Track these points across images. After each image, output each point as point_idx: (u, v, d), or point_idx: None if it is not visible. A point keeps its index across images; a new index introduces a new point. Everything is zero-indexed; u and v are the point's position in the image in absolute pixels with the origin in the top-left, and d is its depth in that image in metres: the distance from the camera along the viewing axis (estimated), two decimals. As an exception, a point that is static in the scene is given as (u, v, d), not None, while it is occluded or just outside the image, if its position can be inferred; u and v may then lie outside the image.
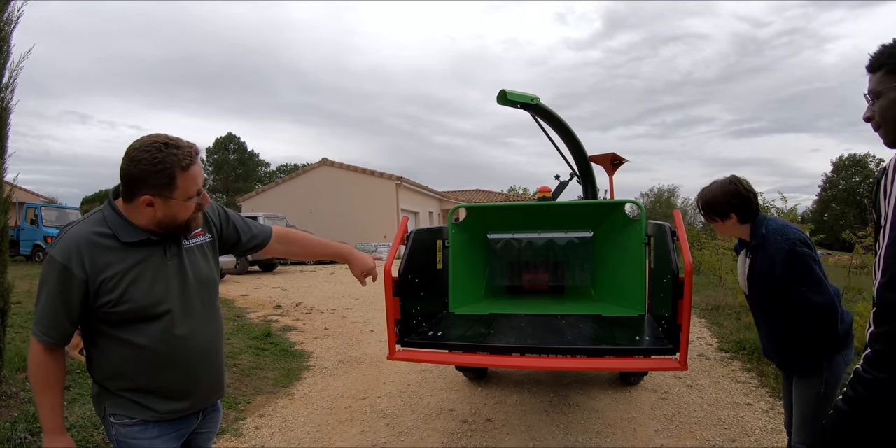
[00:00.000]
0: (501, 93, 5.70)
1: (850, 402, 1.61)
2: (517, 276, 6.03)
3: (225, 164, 60.30)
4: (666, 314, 3.78)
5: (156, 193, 1.89)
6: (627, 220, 5.20)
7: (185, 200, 1.94)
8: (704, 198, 3.09)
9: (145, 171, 1.86)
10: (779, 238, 2.82)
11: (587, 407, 5.34)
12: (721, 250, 13.30)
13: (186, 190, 1.93)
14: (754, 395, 5.61)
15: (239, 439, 4.75)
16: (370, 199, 30.17)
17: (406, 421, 5.14)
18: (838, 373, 2.90)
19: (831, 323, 2.77)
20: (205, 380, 2.15)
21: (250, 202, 32.65)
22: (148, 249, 1.98)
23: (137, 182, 1.88)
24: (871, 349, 1.57)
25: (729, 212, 3.00)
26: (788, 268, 2.77)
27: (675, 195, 63.44)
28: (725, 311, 10.40)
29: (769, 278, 2.86)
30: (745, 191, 2.99)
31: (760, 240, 2.91)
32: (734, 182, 3.02)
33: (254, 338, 8.34)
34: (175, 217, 1.96)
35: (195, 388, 2.12)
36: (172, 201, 1.92)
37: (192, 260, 2.12)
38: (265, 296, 13.58)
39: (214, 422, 2.36)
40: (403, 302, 4.15)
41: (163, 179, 1.87)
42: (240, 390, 5.95)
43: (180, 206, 1.95)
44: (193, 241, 2.14)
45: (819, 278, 2.76)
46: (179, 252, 2.07)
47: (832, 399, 2.95)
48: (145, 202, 1.90)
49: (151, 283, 1.97)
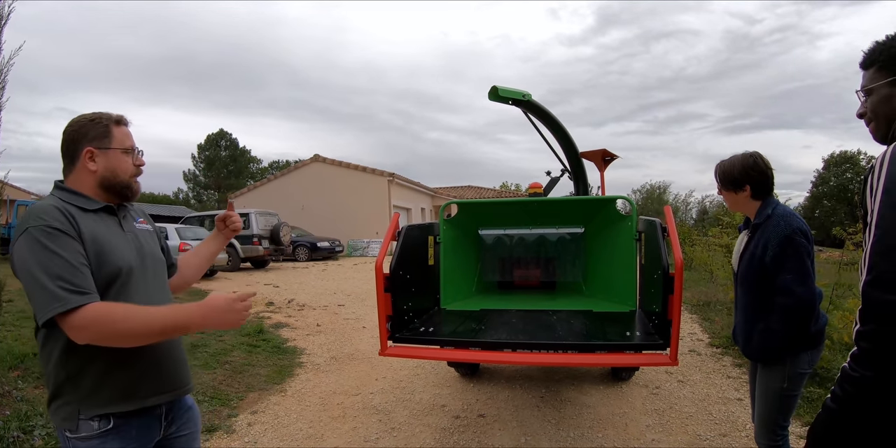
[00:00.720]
0: (493, 89, 5.71)
1: (838, 401, 1.62)
2: (508, 272, 6.04)
3: (216, 161, 60.15)
4: (656, 310, 3.80)
5: (96, 145, 2.04)
6: (618, 216, 5.21)
7: (122, 152, 2.09)
8: (723, 167, 3.11)
9: (84, 126, 2.05)
10: (781, 222, 2.84)
11: (579, 402, 5.36)
12: (712, 246, 13.33)
13: (122, 141, 2.10)
14: (745, 391, 5.62)
15: (231, 436, 4.75)
16: (362, 195, 30.13)
17: (398, 417, 5.16)
18: (802, 370, 2.92)
19: (805, 316, 2.79)
20: (182, 357, 2.21)
21: (242, 199, 32.54)
22: (107, 220, 2.07)
23: (78, 138, 2.04)
24: (857, 347, 1.58)
25: (744, 183, 3.02)
26: (780, 253, 2.79)
27: (667, 191, 63.51)
28: (717, 307, 10.44)
29: (760, 259, 2.88)
30: (764, 166, 3.02)
31: (764, 219, 2.93)
32: (753, 156, 3.04)
33: (246, 334, 8.32)
34: (116, 171, 2.08)
35: (176, 364, 2.15)
36: (111, 152, 2.07)
37: (146, 239, 2.22)
38: (257, 292, 13.53)
39: (192, 421, 2.31)
40: (395, 298, 4.16)
41: (99, 129, 2.06)
42: (232, 387, 5.95)
43: (119, 159, 2.09)
44: (141, 226, 2.25)
45: (807, 271, 2.77)
46: (133, 229, 2.18)
47: (796, 395, 2.98)
48: (87, 155, 2.03)
49: (122, 247, 2.03)
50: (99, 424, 1.93)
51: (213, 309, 1.88)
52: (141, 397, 2.01)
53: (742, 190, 3.04)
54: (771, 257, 2.82)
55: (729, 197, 3.15)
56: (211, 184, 59.80)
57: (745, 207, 3.11)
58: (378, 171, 30.60)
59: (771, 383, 2.97)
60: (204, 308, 1.87)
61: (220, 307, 1.88)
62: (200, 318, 1.86)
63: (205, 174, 60.32)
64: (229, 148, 61.38)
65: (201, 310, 1.87)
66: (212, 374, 6.22)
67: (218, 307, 1.88)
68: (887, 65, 1.72)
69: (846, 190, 54.25)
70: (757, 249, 2.91)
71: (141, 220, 2.28)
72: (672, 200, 61.27)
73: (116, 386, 1.95)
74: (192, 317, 1.86)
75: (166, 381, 2.11)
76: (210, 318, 1.87)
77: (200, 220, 21.52)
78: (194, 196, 61.00)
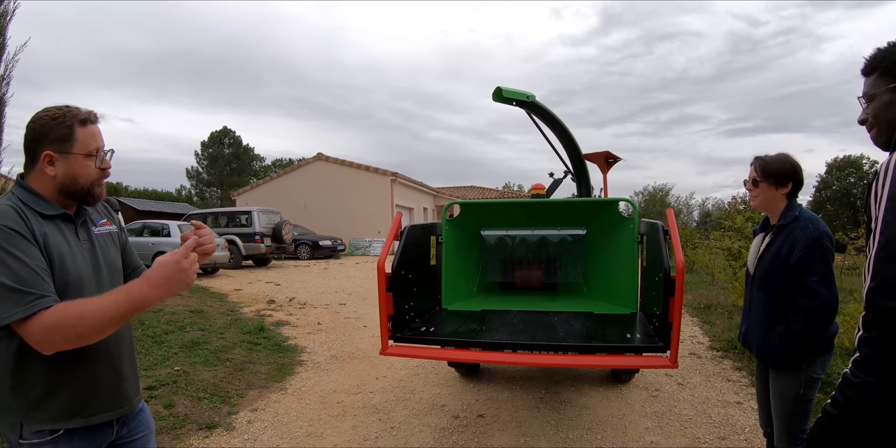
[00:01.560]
0: (497, 90, 5.72)
1: (839, 406, 1.62)
2: (510, 273, 6.05)
3: (220, 158, 60.09)
4: (657, 312, 3.80)
5: (56, 149, 1.91)
6: (621, 219, 5.21)
7: (85, 156, 1.95)
8: (767, 161, 3.09)
9: (46, 126, 1.90)
10: (809, 224, 2.86)
11: (578, 403, 5.36)
12: (714, 249, 13.33)
13: (85, 144, 1.95)
14: (745, 394, 5.63)
15: (231, 433, 4.76)
16: (365, 194, 30.11)
17: (398, 416, 5.17)
18: (815, 375, 2.92)
19: (827, 319, 2.79)
20: (127, 374, 2.10)
21: (245, 197, 32.55)
22: (63, 227, 1.97)
23: (38, 139, 1.91)
24: (859, 353, 1.58)
25: (788, 181, 3.02)
26: (807, 255, 2.79)
27: (669, 194, 63.47)
28: (717, 310, 10.43)
29: (785, 260, 2.88)
30: (802, 172, 3.05)
31: (791, 221, 2.94)
32: (794, 159, 3.07)
33: (247, 332, 8.36)
34: (76, 177, 1.95)
35: (118, 381, 2.05)
36: (72, 157, 1.93)
37: (103, 246, 2.11)
38: (258, 290, 13.58)
39: (144, 424, 2.26)
40: (396, 297, 4.17)
41: (62, 131, 1.91)
42: (232, 384, 5.96)
43: (80, 164, 1.95)
44: (102, 229, 2.14)
45: (832, 274, 2.79)
46: (90, 237, 2.07)
47: (811, 400, 2.98)
48: (46, 159, 1.91)
49: (73, 258, 1.93)
50: (49, 431, 1.89)
51: (161, 275, 1.78)
52: (85, 416, 1.95)
53: (784, 187, 3.03)
54: (798, 258, 2.82)
55: (766, 191, 3.09)
56: (214, 181, 59.76)
57: (774, 205, 3.08)
58: (381, 171, 30.56)
59: (789, 389, 2.97)
60: (152, 277, 1.78)
61: (167, 272, 1.79)
62: (151, 289, 1.77)
63: (208, 171, 60.26)
64: (232, 145, 61.32)
65: (150, 280, 1.77)
66: (212, 372, 6.23)
67: (165, 273, 1.79)
68: (889, 71, 1.72)
69: (849, 194, 54.08)
70: (782, 250, 2.91)
71: (103, 220, 2.17)
72: (674, 203, 61.27)
73: (59, 404, 1.89)
74: (143, 291, 1.76)
75: (112, 400, 2.05)
76: (161, 285, 1.78)
77: (203, 217, 21.55)
78: (197, 193, 60.93)
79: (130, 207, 31.71)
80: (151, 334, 7.52)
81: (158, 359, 6.50)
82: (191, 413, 5.06)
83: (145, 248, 15.94)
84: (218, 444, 4.56)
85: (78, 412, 1.93)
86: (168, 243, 16.07)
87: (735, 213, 12.74)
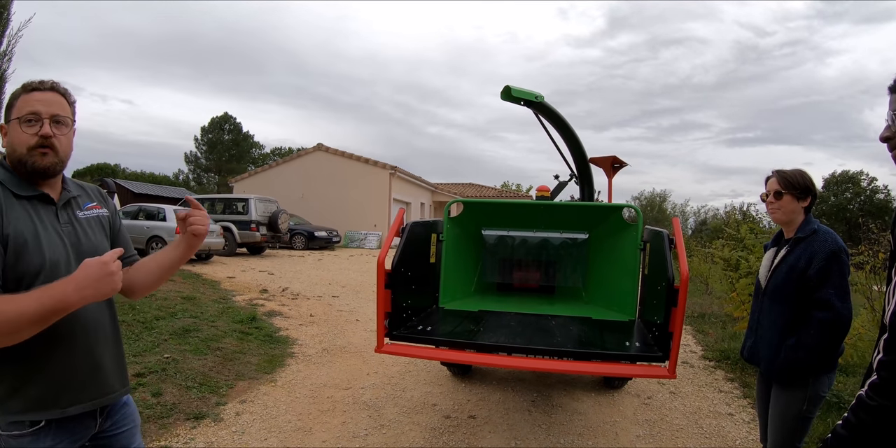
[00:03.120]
0: (506, 89, 5.67)
1: (851, 428, 1.59)
2: (508, 274, 6.02)
3: (219, 144, 59.94)
4: (658, 321, 3.77)
5: (5, 119, 1.91)
6: (624, 225, 5.18)
7: (20, 122, 1.87)
8: (789, 173, 3.09)
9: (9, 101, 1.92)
10: (828, 238, 2.88)
11: (570, 408, 5.33)
12: (711, 258, 13.33)
13: (21, 109, 1.87)
14: (736, 406, 5.62)
15: (219, 425, 4.72)
16: (363, 187, 30.07)
17: (388, 414, 5.13)
18: (819, 392, 2.90)
19: (840, 332, 2.78)
20: (106, 363, 2.01)
21: (242, 184, 32.48)
22: (41, 209, 1.91)
23: None
24: (877, 376, 1.55)
25: (808, 195, 3.04)
26: (825, 268, 2.80)
27: (667, 201, 63.52)
28: (711, 320, 10.44)
29: (802, 272, 2.88)
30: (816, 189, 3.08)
31: (810, 233, 2.96)
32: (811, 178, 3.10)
33: (238, 321, 8.31)
34: (13, 145, 1.89)
35: (95, 371, 1.97)
36: (11, 124, 1.88)
37: (87, 231, 2.04)
38: (252, 279, 13.53)
39: (129, 417, 2.20)
40: (395, 295, 4.13)
41: (10, 101, 1.91)
42: (222, 374, 5.91)
43: (15, 130, 1.88)
44: (89, 213, 2.08)
45: (847, 289, 2.80)
46: (72, 220, 2.00)
47: (812, 418, 2.97)
48: (2, 132, 1.92)
49: (48, 242, 1.86)
50: (29, 423, 1.83)
51: (86, 278, 1.68)
52: (61, 407, 1.88)
53: (805, 199, 3.05)
54: (816, 270, 2.82)
55: (789, 203, 3.08)
56: (212, 167, 59.61)
57: (793, 217, 3.09)
58: (380, 164, 30.50)
59: (791, 406, 2.95)
60: (76, 280, 1.68)
61: (92, 275, 1.69)
62: (75, 290, 1.66)
63: (206, 157, 60.13)
64: (232, 132, 61.18)
65: (74, 282, 1.67)
66: (202, 361, 6.18)
67: (90, 275, 1.69)
68: None
69: (845, 210, 54.27)
70: (799, 262, 2.90)
71: (91, 204, 2.11)
72: (671, 210, 61.35)
73: (30, 395, 1.83)
74: (66, 292, 1.65)
75: (88, 390, 1.97)
76: (85, 287, 1.68)
77: (199, 203, 21.50)
78: (194, 178, 60.80)
79: (127, 190, 31.59)
80: (142, 320, 7.47)
81: (148, 345, 6.45)
82: (179, 402, 5.02)
83: (140, 231, 15.87)
84: (205, 435, 4.51)
85: (53, 403, 1.87)
86: (163, 228, 15.99)
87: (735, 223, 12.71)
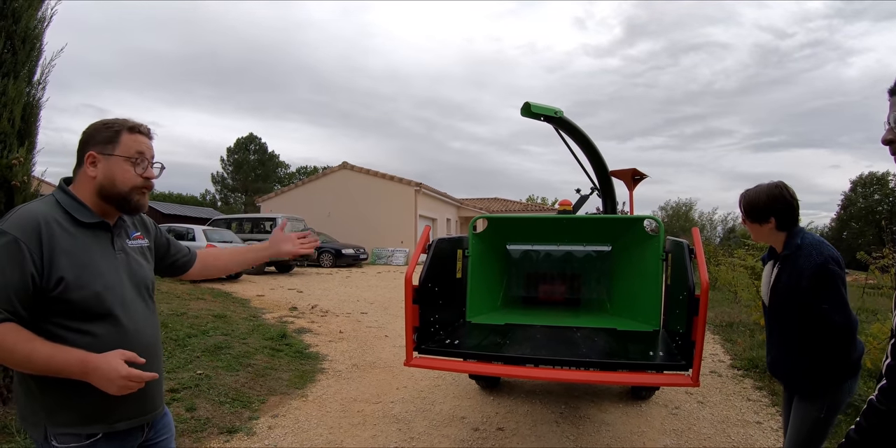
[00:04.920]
0: (525, 105, 5.75)
1: (863, 433, 1.60)
2: (534, 288, 6.08)
3: (245, 164, 60.50)
4: (680, 330, 3.82)
5: (98, 150, 1.99)
6: (646, 236, 5.23)
7: (125, 159, 2.00)
8: (747, 198, 3.07)
9: (96, 130, 2.02)
10: (813, 252, 2.81)
11: (597, 419, 5.36)
12: (737, 267, 13.24)
13: (127, 147, 2.01)
14: (764, 414, 5.61)
15: (252, 438, 4.81)
16: (388, 204, 30.20)
17: (417, 427, 5.20)
18: (840, 399, 2.88)
19: (845, 344, 2.77)
20: (152, 383, 2.06)
21: (269, 203, 32.78)
22: (99, 236, 2.01)
23: (86, 141, 2.01)
24: (886, 380, 1.56)
25: (769, 216, 2.98)
26: (815, 283, 2.75)
27: (693, 209, 63.08)
28: (739, 328, 10.36)
29: (794, 290, 2.85)
30: (790, 197, 2.97)
31: (794, 250, 2.90)
32: (779, 187, 3.00)
33: (269, 338, 8.42)
34: (113, 180, 2.00)
35: (144, 391, 2.01)
36: (112, 158, 1.99)
37: (135, 259, 2.15)
38: (281, 297, 13.68)
39: (167, 427, 2.31)
40: (422, 309, 4.22)
41: (107, 134, 2.00)
42: (254, 390, 6.02)
43: (119, 167, 2.00)
44: (135, 243, 2.18)
45: (843, 299, 2.76)
46: (124, 248, 2.11)
47: (831, 425, 2.94)
48: (89, 160, 1.99)
49: (103, 270, 1.97)
50: (85, 435, 1.94)
51: (97, 370, 1.81)
52: (109, 423, 1.98)
53: (767, 222, 3.00)
54: (806, 287, 2.78)
55: (753, 228, 3.11)
56: (239, 187, 60.17)
57: (770, 239, 3.08)
58: (405, 181, 30.64)
59: (809, 412, 2.94)
60: (92, 365, 1.81)
61: (105, 373, 1.81)
62: (82, 373, 1.81)
63: (233, 177, 60.71)
64: (258, 152, 61.72)
65: (87, 366, 1.80)
66: (234, 377, 6.29)
67: (103, 373, 1.81)
68: None
69: (874, 212, 53.61)
70: (791, 280, 2.87)
71: (136, 234, 2.22)
72: (697, 219, 60.90)
73: (80, 411, 1.93)
74: (75, 367, 1.80)
75: (137, 408, 2.07)
76: (90, 376, 1.81)
77: (227, 222, 21.76)
78: (221, 198, 61.40)
79: (156, 210, 32.07)
80: (175, 337, 7.60)
81: (181, 362, 6.58)
82: (212, 417, 5.12)
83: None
84: (240, 449, 4.62)
85: (102, 418, 1.97)
86: (193, 247, 16.13)
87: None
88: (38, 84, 4.75)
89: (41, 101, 4.79)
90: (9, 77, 4.42)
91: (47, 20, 4.81)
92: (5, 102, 4.36)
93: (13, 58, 4.48)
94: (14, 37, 4.49)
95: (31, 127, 4.68)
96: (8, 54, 4.46)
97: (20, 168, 4.43)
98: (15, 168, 4.38)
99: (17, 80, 4.46)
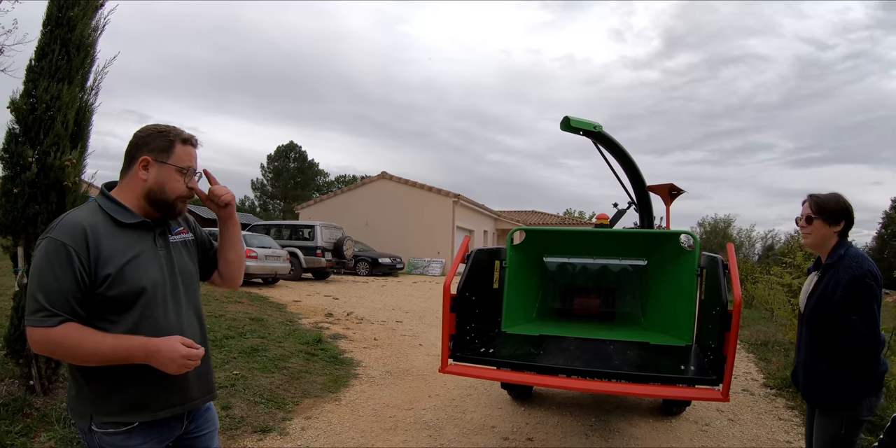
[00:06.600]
0: (565, 119, 5.80)
1: None
2: (569, 300, 6.12)
3: (284, 172, 61.16)
4: (712, 345, 3.84)
5: (154, 156, 2.10)
6: (681, 251, 5.25)
7: (177, 169, 2.13)
8: (822, 198, 3.07)
9: (151, 136, 2.13)
10: (853, 264, 2.84)
11: (627, 433, 5.38)
12: (774, 285, 13.09)
13: (180, 158, 2.14)
14: (795, 434, 5.57)
15: (284, 438, 4.92)
16: (427, 214, 30.26)
17: (448, 434, 5.26)
18: (861, 416, 2.88)
19: (868, 358, 2.79)
20: (190, 375, 2.15)
21: (308, 211, 33.05)
22: (141, 235, 2.12)
23: (140, 145, 2.12)
24: None
25: (840, 219, 3.01)
26: (849, 294, 2.78)
27: (732, 226, 62.25)
28: (774, 347, 10.27)
29: (829, 299, 2.87)
30: (853, 213, 3.04)
31: (837, 260, 2.93)
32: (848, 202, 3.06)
33: (304, 343, 8.56)
34: (164, 187, 2.12)
35: (183, 379, 2.13)
36: (166, 167, 2.11)
37: (178, 254, 2.25)
38: (317, 303, 13.81)
39: (210, 421, 2.39)
40: (459, 318, 4.29)
41: (163, 142, 2.12)
42: (288, 392, 6.14)
43: (171, 176, 2.13)
44: (178, 238, 2.28)
45: (873, 314, 2.78)
46: (167, 244, 2.21)
47: (853, 443, 2.92)
48: (142, 164, 2.10)
49: (147, 265, 2.08)
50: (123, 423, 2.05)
51: (158, 351, 1.95)
52: (152, 411, 2.08)
53: (837, 224, 3.01)
54: (840, 297, 2.81)
55: (819, 229, 3.06)
56: (278, 194, 60.82)
57: (825, 243, 3.07)
58: (443, 192, 30.69)
59: (829, 429, 2.94)
60: (154, 348, 1.95)
61: (167, 355, 1.95)
62: (145, 355, 1.94)
63: (272, 184, 61.37)
64: (297, 160, 62.35)
65: (150, 350, 1.95)
66: (269, 378, 6.41)
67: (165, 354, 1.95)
68: None
69: (918, 230, 52.47)
70: (827, 289, 2.89)
71: (179, 229, 2.32)
72: (735, 235, 60.10)
73: (125, 398, 2.04)
74: (138, 351, 1.94)
75: (180, 396, 2.16)
76: (152, 359, 1.95)
77: (266, 228, 22.00)
78: (260, 205, 62.08)
79: (197, 214, 32.48)
80: (212, 338, 7.73)
81: (218, 362, 6.72)
82: (247, 416, 5.24)
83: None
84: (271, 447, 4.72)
85: (144, 407, 2.07)
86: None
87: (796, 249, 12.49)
88: (91, 90, 4.94)
89: (93, 106, 4.97)
90: (63, 82, 4.61)
91: (100, 29, 4.99)
92: (59, 106, 4.54)
93: (68, 64, 4.67)
94: (69, 44, 4.68)
95: (83, 131, 4.87)
96: (63, 61, 4.64)
97: (72, 170, 4.60)
98: (67, 170, 4.55)
99: (70, 86, 4.64)
